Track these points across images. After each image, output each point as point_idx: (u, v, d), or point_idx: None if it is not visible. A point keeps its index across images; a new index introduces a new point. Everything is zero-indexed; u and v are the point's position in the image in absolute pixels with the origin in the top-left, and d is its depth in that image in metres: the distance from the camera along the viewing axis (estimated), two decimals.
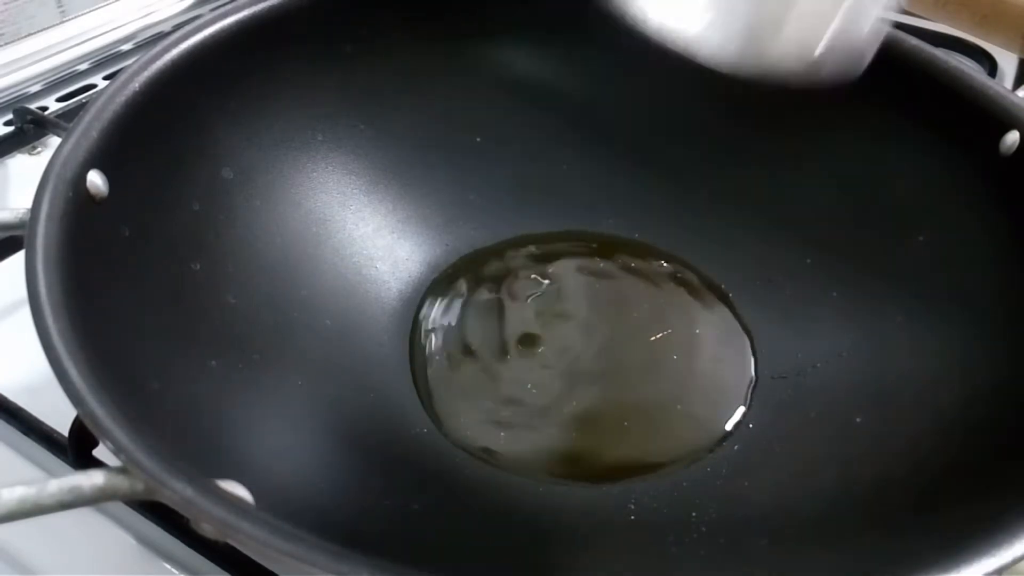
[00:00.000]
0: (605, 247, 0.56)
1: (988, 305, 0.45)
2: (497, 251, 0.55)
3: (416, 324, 0.51)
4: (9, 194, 0.63)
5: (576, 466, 0.45)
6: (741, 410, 0.48)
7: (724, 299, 0.53)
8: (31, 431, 0.45)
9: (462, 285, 0.54)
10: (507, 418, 0.47)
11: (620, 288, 0.54)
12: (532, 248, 0.56)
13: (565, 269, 0.55)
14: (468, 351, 0.51)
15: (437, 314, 0.52)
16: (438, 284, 0.53)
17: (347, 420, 0.45)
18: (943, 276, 0.47)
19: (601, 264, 0.55)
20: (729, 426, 0.47)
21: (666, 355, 0.51)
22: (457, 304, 0.53)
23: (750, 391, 0.49)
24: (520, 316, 0.53)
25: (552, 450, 0.45)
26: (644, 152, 0.57)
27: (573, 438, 0.46)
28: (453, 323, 0.52)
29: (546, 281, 0.54)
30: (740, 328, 0.52)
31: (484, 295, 0.53)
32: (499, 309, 0.53)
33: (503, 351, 0.51)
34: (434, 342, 0.51)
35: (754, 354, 0.50)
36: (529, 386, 0.48)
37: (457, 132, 0.56)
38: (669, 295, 0.54)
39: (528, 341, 0.51)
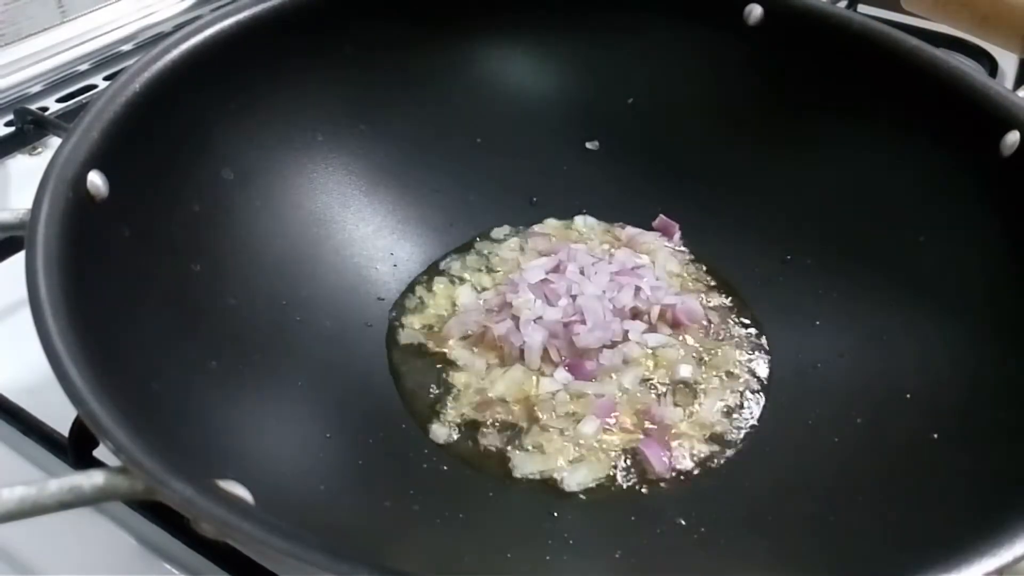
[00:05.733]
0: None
1: (989, 305, 0.45)
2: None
3: None
4: (9, 194, 0.63)
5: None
6: (742, 410, 0.48)
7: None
8: (31, 431, 0.45)
9: None
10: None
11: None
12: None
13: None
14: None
15: None
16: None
17: (348, 421, 0.45)
18: (944, 276, 0.47)
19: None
20: (730, 426, 0.47)
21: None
22: None
23: (750, 391, 0.49)
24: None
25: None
26: (646, 154, 0.57)
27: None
28: None
29: None
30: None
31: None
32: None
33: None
34: None
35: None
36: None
37: (457, 132, 0.57)
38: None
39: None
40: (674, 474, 0.45)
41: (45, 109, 0.68)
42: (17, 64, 0.69)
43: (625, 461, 0.45)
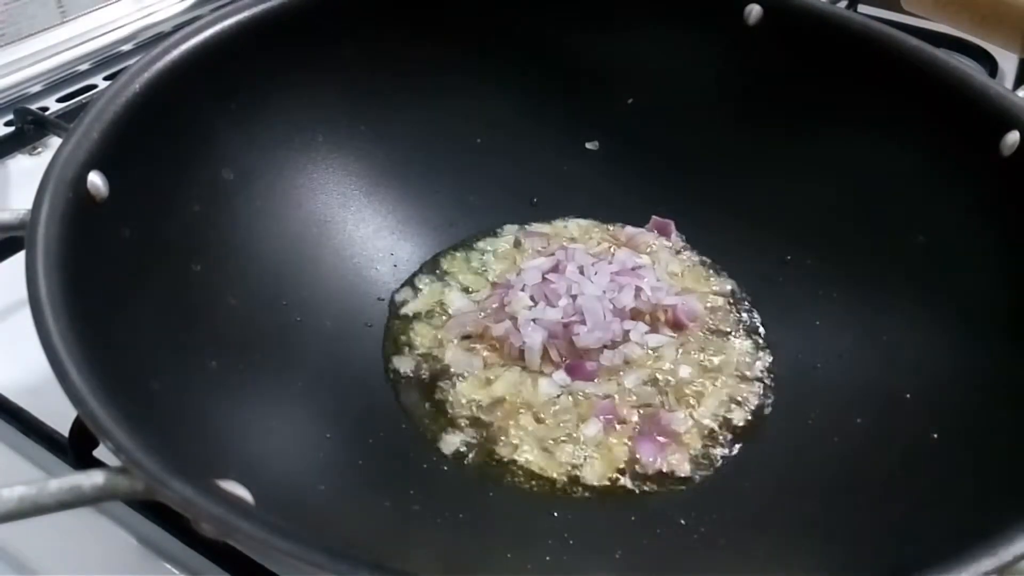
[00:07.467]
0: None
1: (988, 306, 0.45)
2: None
3: None
4: (9, 194, 0.63)
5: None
6: (742, 410, 0.48)
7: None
8: (31, 431, 0.45)
9: None
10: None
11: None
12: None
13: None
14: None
15: None
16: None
17: (348, 421, 0.45)
18: (943, 277, 0.47)
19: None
20: (730, 426, 0.47)
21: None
22: None
23: (751, 392, 0.49)
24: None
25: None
26: (646, 155, 0.57)
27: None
28: None
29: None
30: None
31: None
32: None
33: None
34: None
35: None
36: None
37: (457, 132, 0.57)
38: None
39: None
40: (673, 474, 0.45)
41: (45, 109, 0.68)
42: (17, 64, 0.69)
43: (625, 462, 0.45)
